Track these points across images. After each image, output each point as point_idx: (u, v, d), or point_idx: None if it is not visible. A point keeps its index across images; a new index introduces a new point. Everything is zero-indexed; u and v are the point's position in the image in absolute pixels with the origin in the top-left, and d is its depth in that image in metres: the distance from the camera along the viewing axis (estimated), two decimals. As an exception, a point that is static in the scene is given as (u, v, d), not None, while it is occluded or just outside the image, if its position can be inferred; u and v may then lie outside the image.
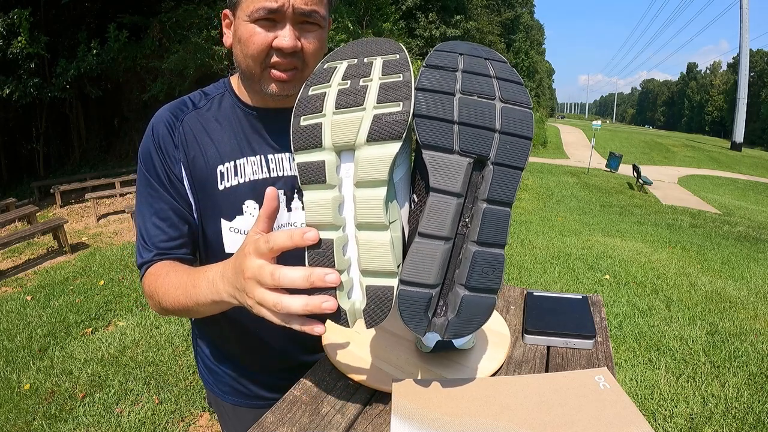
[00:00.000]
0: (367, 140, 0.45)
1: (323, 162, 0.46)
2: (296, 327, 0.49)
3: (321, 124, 0.47)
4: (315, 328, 0.48)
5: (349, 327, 0.48)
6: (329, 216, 0.46)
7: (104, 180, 7.72)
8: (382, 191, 0.45)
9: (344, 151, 0.47)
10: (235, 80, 0.85)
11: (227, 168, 0.79)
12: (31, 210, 5.87)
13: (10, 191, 7.97)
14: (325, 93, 0.48)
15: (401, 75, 0.47)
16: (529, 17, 37.76)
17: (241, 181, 0.80)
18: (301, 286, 0.46)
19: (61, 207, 7.10)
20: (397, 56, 0.49)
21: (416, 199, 0.51)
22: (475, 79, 0.49)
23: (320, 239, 0.47)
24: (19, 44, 6.64)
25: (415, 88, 0.47)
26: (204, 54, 7.29)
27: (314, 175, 0.47)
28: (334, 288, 0.47)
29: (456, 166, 0.46)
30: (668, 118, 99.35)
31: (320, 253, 0.47)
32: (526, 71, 33.98)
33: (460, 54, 0.50)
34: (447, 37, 17.97)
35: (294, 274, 0.47)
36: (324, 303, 0.46)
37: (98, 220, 6.53)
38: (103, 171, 8.43)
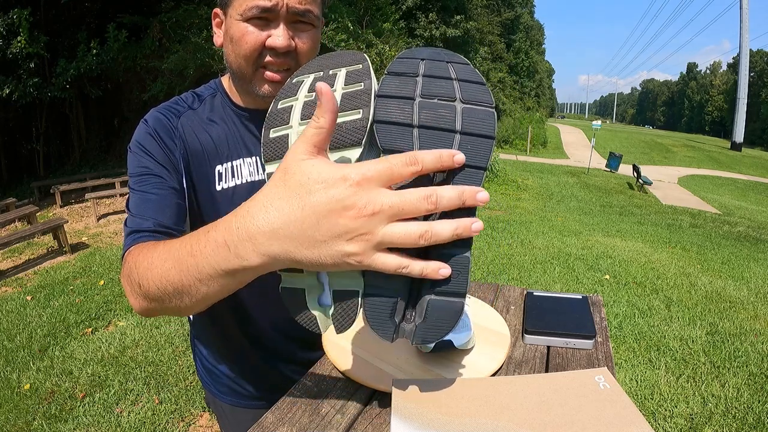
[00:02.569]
0: (330, 148, 0.46)
1: None
2: (416, 272, 0.40)
3: (288, 135, 0.49)
4: (441, 270, 0.41)
5: (320, 332, 0.49)
6: None
7: (104, 180, 7.72)
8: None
9: None
10: (226, 81, 0.83)
11: (225, 169, 0.79)
12: (31, 210, 5.87)
13: (10, 191, 7.96)
14: (292, 106, 0.50)
15: (362, 84, 0.49)
16: (529, 17, 37.75)
17: (239, 182, 0.79)
18: (455, 205, 0.40)
19: (61, 207, 7.10)
20: (360, 66, 0.51)
21: None
22: (436, 83, 0.49)
23: None
24: (19, 44, 6.64)
25: (376, 96, 0.48)
26: (204, 54, 7.29)
27: None
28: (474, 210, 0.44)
29: None
30: (668, 118, 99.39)
31: None
32: (526, 71, 34.00)
33: (422, 60, 0.51)
34: (447, 37, 17.99)
35: (450, 191, 0.39)
36: (474, 224, 0.41)
37: (98, 220, 6.53)
38: (103, 171, 8.43)
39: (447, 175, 0.46)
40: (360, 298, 0.46)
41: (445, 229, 0.39)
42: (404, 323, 0.48)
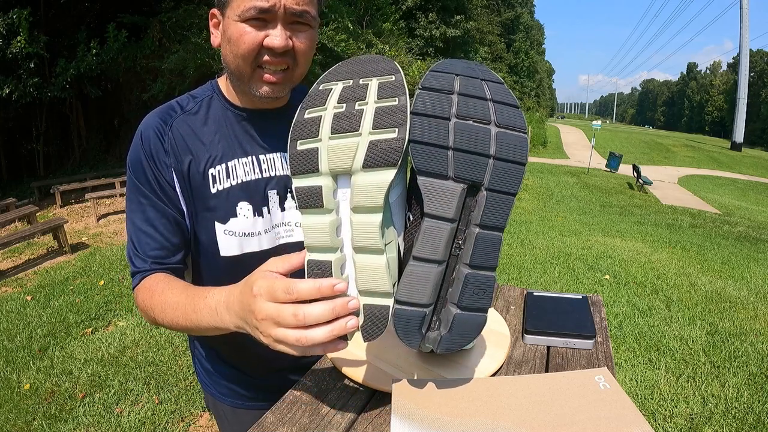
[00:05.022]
0: (363, 166, 0.45)
1: (320, 187, 0.47)
2: (319, 352, 0.49)
3: (317, 149, 0.47)
4: (338, 346, 0.49)
5: (348, 340, 0.50)
6: (327, 239, 0.47)
7: (104, 180, 7.71)
8: (378, 217, 0.46)
9: (341, 175, 0.47)
10: (223, 81, 0.84)
11: (219, 171, 0.79)
12: (31, 210, 5.87)
13: (10, 191, 7.96)
14: (321, 117, 0.48)
15: (397, 99, 0.47)
16: (529, 17, 37.74)
17: (234, 183, 0.79)
18: (326, 320, 0.47)
19: (61, 207, 7.10)
20: (393, 78, 0.49)
21: (411, 218, 0.51)
22: (471, 102, 0.49)
23: (320, 261, 0.48)
24: (19, 44, 6.63)
25: (411, 113, 0.47)
26: (204, 54, 7.28)
27: (312, 200, 0.47)
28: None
29: (450, 192, 0.46)
30: (668, 118, 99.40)
31: (319, 274, 0.48)
32: (526, 71, 33.98)
33: (456, 75, 0.50)
34: (447, 37, 17.98)
35: (318, 310, 0.47)
36: (348, 323, 0.47)
37: (98, 220, 6.52)
38: (103, 171, 8.43)
39: (478, 201, 0.47)
40: (391, 313, 0.48)
41: (319, 333, 0.47)
42: (429, 332, 0.50)
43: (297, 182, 0.48)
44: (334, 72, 0.52)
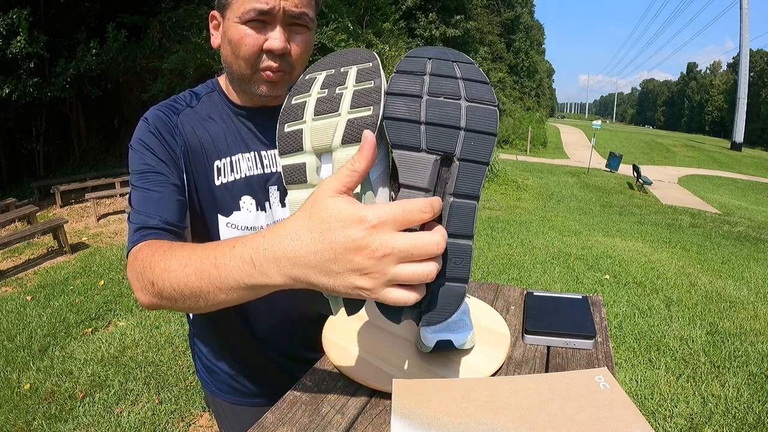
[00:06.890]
0: (342, 143, 0.49)
1: (304, 164, 0.50)
2: (413, 298, 0.42)
3: (302, 129, 0.51)
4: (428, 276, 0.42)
5: (332, 315, 0.51)
6: None
7: (104, 180, 7.72)
8: (356, 190, 0.48)
9: (323, 153, 0.51)
10: (223, 80, 0.85)
11: (224, 164, 0.80)
12: (31, 210, 5.87)
13: (10, 191, 7.96)
14: (306, 102, 0.52)
15: (372, 81, 0.51)
16: (529, 17, 37.72)
17: (237, 177, 0.81)
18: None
19: (61, 207, 7.10)
20: (370, 64, 0.53)
21: (394, 197, 0.53)
22: (442, 81, 0.51)
23: None
24: (19, 44, 6.63)
25: (386, 93, 0.50)
26: (204, 54, 7.29)
27: (297, 176, 0.51)
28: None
29: (423, 162, 0.49)
30: (668, 118, 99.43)
31: None
32: (526, 71, 33.98)
33: (429, 59, 0.53)
34: (447, 37, 17.99)
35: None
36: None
37: (98, 220, 6.52)
38: (103, 171, 8.43)
39: (452, 171, 0.49)
40: None
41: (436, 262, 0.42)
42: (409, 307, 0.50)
43: (283, 161, 0.52)
44: (319, 63, 0.56)
